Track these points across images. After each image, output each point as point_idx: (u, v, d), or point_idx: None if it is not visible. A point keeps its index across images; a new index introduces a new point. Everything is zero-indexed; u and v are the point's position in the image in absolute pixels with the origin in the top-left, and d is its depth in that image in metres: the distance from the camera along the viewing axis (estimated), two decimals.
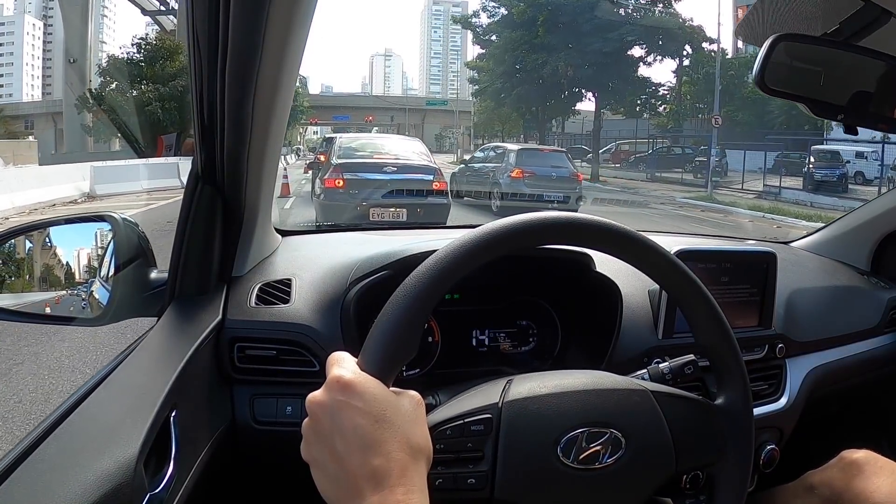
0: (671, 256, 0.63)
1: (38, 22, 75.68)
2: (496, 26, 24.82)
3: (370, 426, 0.47)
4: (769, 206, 12.29)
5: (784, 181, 15.01)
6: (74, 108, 27.98)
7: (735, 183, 16.62)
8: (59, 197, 11.01)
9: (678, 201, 13.25)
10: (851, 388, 1.24)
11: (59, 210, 9.81)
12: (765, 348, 1.07)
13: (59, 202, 10.80)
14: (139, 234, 0.87)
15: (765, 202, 13.45)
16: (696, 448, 0.62)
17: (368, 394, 0.48)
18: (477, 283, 0.88)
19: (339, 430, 0.47)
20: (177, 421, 0.65)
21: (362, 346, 0.56)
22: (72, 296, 0.84)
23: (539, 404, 0.59)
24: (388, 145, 7.39)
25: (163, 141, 20.71)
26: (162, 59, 22.51)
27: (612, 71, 21.85)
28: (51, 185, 11.12)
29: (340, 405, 0.48)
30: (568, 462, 0.57)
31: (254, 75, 0.70)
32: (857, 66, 0.69)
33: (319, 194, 6.12)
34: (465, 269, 0.57)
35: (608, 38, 20.84)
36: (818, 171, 14.84)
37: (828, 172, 14.69)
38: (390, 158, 6.55)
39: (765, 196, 14.53)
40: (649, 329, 0.98)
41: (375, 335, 0.54)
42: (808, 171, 14.99)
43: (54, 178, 11.61)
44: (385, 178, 5.90)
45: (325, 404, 0.49)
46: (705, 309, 0.64)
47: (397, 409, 0.49)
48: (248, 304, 0.88)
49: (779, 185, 14.86)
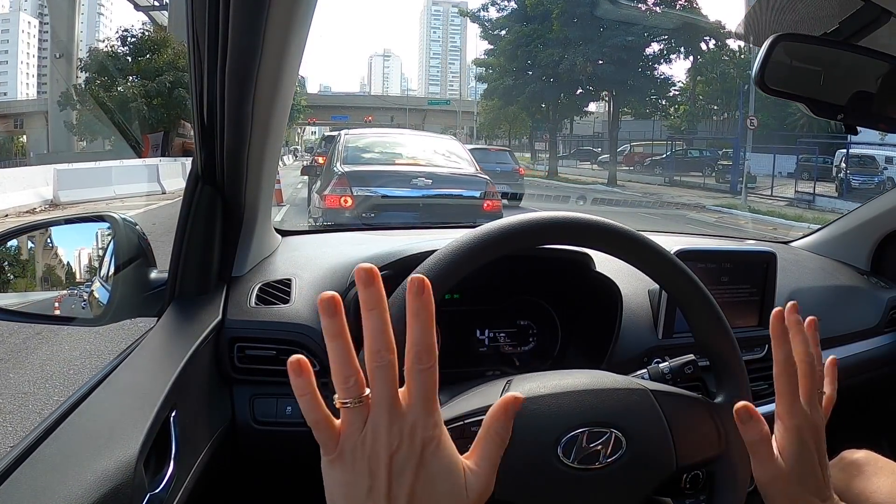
0: (671, 256, 0.64)
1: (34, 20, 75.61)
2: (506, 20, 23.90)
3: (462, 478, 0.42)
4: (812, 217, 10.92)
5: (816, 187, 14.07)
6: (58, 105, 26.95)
7: (762, 189, 15.64)
8: (12, 206, 9.21)
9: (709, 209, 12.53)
10: (851, 388, 1.24)
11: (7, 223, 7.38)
12: (765, 348, 1.07)
13: (13, 212, 8.98)
14: (139, 234, 0.87)
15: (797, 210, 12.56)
16: (695, 446, 0.62)
17: None
18: (477, 282, 0.88)
19: (426, 465, 0.41)
20: (177, 421, 0.65)
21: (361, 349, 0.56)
22: (72, 296, 0.85)
23: (539, 405, 0.59)
24: (412, 146, 5.21)
25: (149, 140, 19.94)
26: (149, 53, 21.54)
27: (631, 68, 20.87)
28: (5, 192, 9.36)
29: (445, 439, 0.43)
30: (568, 462, 0.58)
31: (254, 75, 0.71)
32: (857, 65, 0.70)
33: (317, 216, 4.31)
34: (464, 269, 0.57)
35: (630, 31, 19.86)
36: (855, 177, 14.04)
37: (866, 179, 13.89)
38: (420, 165, 4.61)
39: (797, 203, 13.66)
40: (649, 329, 0.98)
41: None
42: (845, 177, 14.15)
43: (11, 183, 9.76)
44: (415, 194, 4.11)
45: (416, 427, 0.41)
46: (705, 309, 0.64)
47: None
48: (248, 304, 0.89)
49: (812, 191, 13.90)
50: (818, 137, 16.22)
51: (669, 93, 23.38)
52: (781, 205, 13.69)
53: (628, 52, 20.41)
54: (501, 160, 11.77)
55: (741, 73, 19.84)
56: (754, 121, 15.26)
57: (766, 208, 12.88)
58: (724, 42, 21.19)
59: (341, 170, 4.29)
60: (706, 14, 21.80)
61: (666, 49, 21.46)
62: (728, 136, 21.38)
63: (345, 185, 4.09)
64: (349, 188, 4.06)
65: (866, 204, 1.43)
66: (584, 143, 28.06)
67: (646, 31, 20.62)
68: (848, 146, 14.23)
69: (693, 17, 20.63)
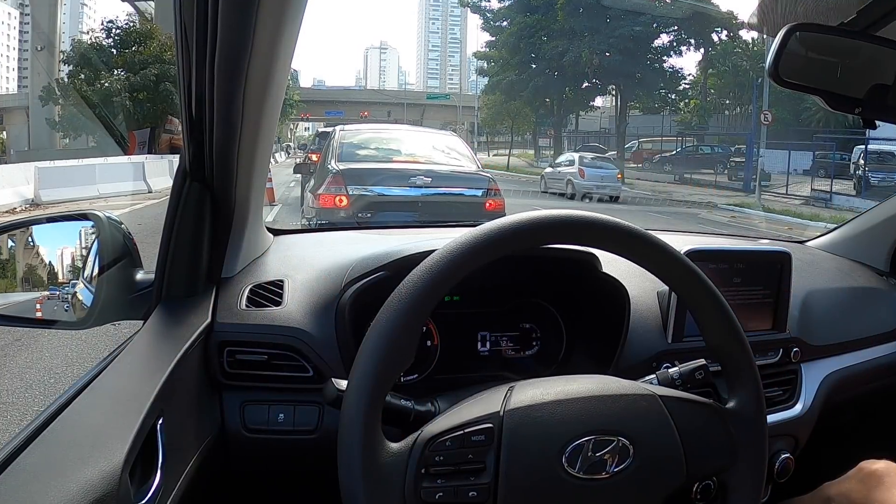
0: (681, 256, 0.64)
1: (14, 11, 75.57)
2: (508, 11, 23.78)
3: None
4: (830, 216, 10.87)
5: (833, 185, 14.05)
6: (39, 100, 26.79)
7: (776, 186, 15.56)
8: None
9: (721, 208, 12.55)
10: (869, 395, 1.24)
11: None
12: (779, 352, 1.07)
13: None
14: (124, 234, 0.87)
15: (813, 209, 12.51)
16: (707, 454, 0.62)
17: None
18: (478, 284, 0.88)
19: None
20: (164, 428, 0.65)
21: (357, 353, 0.56)
22: (54, 298, 0.84)
23: (543, 412, 0.59)
24: (411, 142, 5.17)
25: (135, 137, 19.84)
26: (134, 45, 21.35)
27: (639, 60, 20.79)
28: None
29: None
30: (574, 472, 0.58)
31: (244, 67, 0.71)
32: (875, 57, 0.70)
33: (311, 216, 4.28)
34: (464, 270, 0.57)
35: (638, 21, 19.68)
36: (874, 175, 13.91)
37: (885, 176, 13.76)
38: (419, 163, 4.56)
39: (813, 202, 13.63)
40: (658, 332, 0.98)
41: (370, 342, 0.55)
42: (863, 174, 14.01)
43: None
44: (414, 193, 4.08)
45: None
46: (716, 311, 0.64)
47: None
48: (239, 306, 0.89)
49: (829, 189, 13.91)
50: (835, 133, 16.19)
51: (679, 86, 23.31)
52: (797, 203, 13.64)
53: (636, 43, 20.34)
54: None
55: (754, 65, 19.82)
56: (768, 115, 15.03)
57: (781, 207, 12.84)
58: (737, 33, 21.20)
59: (336, 168, 4.25)
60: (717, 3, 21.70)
61: (675, 40, 21.39)
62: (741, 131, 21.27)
63: (340, 183, 4.03)
64: (344, 187, 4.00)
65: (886, 202, 1.43)
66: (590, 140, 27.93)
67: (654, 22, 20.57)
68: (866, 142, 14.19)
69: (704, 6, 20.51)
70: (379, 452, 0.55)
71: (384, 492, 0.54)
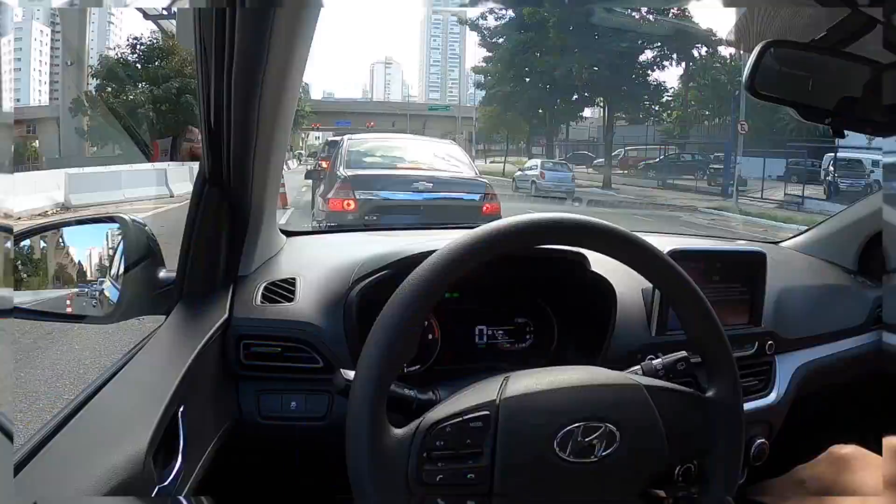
0: (664, 256, 0.64)
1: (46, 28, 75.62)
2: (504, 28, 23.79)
3: None
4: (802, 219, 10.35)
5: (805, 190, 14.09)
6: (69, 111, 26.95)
7: (752, 191, 15.61)
8: (25, 209, 8.98)
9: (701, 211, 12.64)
10: (839, 385, 1.24)
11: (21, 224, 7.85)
12: (755, 345, 1.07)
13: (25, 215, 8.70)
14: (148, 235, 0.87)
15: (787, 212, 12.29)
16: (687, 439, 0.63)
17: None
18: (476, 281, 0.88)
19: None
20: (185, 416, 0.65)
21: (363, 346, 0.56)
22: (83, 294, 0.84)
23: (535, 400, 0.59)
24: (413, 150, 5.24)
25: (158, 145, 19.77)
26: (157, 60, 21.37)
27: (625, 74, 20.91)
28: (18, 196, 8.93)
29: None
30: (564, 456, 0.58)
31: (259, 80, 0.71)
32: (844, 71, 0.70)
33: (321, 219, 4.40)
34: (463, 269, 0.57)
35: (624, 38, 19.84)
36: (843, 181, 14.03)
37: (853, 181, 13.82)
38: (421, 169, 4.61)
39: (787, 206, 13.55)
40: (643, 326, 0.98)
41: (376, 336, 0.55)
42: (833, 180, 14.13)
43: (21, 187, 9.57)
44: (416, 197, 4.17)
45: None
46: (696, 307, 0.64)
47: None
48: (254, 302, 0.89)
49: (802, 194, 13.97)
50: (807, 141, 16.12)
51: (662, 98, 23.37)
52: (771, 207, 13.63)
53: (622, 59, 20.38)
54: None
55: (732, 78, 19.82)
56: (745, 125, 15.18)
57: (757, 210, 12.81)
58: (716, 49, 21.23)
59: (344, 174, 4.32)
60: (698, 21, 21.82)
61: (659, 56, 21.43)
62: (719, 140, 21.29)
63: (348, 188, 4.12)
64: (352, 192, 4.08)
65: (853, 205, 1.43)
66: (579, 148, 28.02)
67: (639, 39, 20.63)
68: (836, 150, 14.22)
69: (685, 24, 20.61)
70: (384, 438, 0.55)
71: (389, 474, 0.55)
